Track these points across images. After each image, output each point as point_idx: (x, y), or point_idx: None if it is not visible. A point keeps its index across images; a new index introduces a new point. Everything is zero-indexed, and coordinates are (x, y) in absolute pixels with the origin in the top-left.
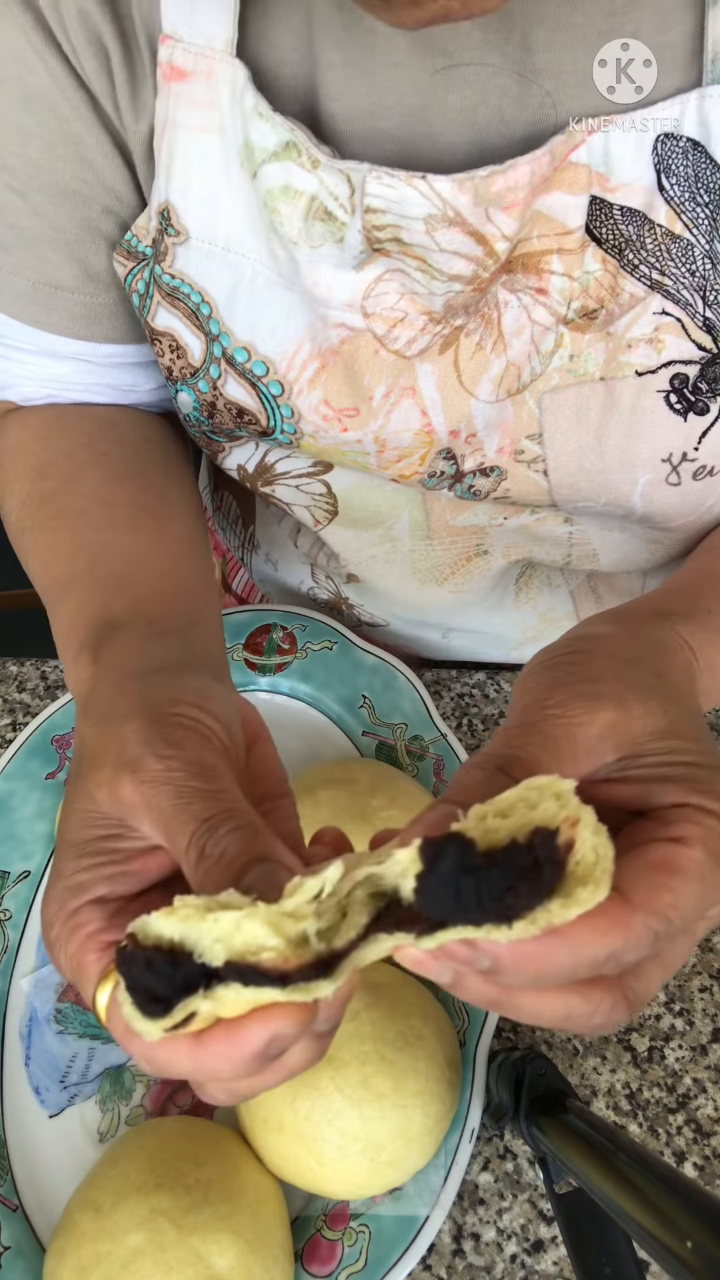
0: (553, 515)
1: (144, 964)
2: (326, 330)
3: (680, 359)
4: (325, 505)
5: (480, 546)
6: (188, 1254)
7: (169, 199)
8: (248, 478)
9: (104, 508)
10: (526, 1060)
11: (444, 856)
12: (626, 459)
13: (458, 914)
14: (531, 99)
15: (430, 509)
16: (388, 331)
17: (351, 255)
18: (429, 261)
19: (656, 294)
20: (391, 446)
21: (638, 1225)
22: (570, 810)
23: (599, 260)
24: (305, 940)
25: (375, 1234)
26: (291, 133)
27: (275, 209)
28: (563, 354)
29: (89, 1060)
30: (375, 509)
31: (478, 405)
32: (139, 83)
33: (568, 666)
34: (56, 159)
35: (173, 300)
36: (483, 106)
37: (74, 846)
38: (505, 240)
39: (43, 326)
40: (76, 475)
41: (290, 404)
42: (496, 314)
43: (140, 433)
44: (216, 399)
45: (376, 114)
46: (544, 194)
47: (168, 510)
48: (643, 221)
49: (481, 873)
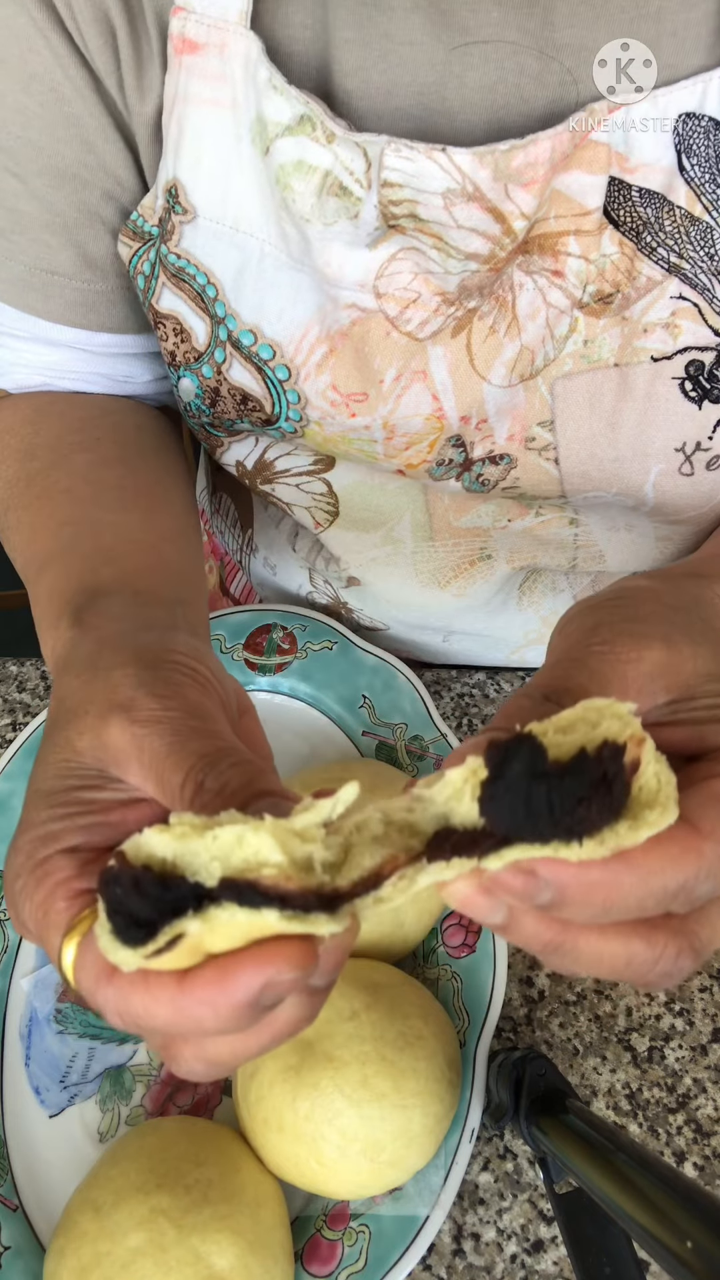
0: (558, 517)
1: (130, 884)
2: (337, 312)
3: (697, 345)
4: (326, 506)
5: (484, 550)
6: (188, 1254)
7: (177, 176)
8: (246, 475)
9: (91, 487)
10: (526, 1060)
11: (515, 758)
12: (639, 447)
13: (528, 826)
14: (551, 76)
15: (433, 510)
16: (400, 312)
17: (365, 233)
18: (445, 239)
19: (674, 278)
20: (400, 433)
21: (638, 1225)
22: (634, 729)
23: (616, 243)
24: (310, 867)
25: (375, 1234)
26: (306, 106)
27: (288, 185)
28: (577, 339)
29: (89, 1060)
30: (377, 509)
31: (490, 390)
32: (145, 61)
33: (613, 608)
34: (57, 141)
35: (178, 282)
36: (501, 84)
37: (47, 796)
38: (523, 218)
39: (38, 313)
40: (65, 458)
41: (297, 389)
42: (511, 296)
43: (133, 420)
44: (220, 384)
45: (392, 92)
46: (563, 172)
47: (158, 495)
48: (662, 203)
49: (553, 780)
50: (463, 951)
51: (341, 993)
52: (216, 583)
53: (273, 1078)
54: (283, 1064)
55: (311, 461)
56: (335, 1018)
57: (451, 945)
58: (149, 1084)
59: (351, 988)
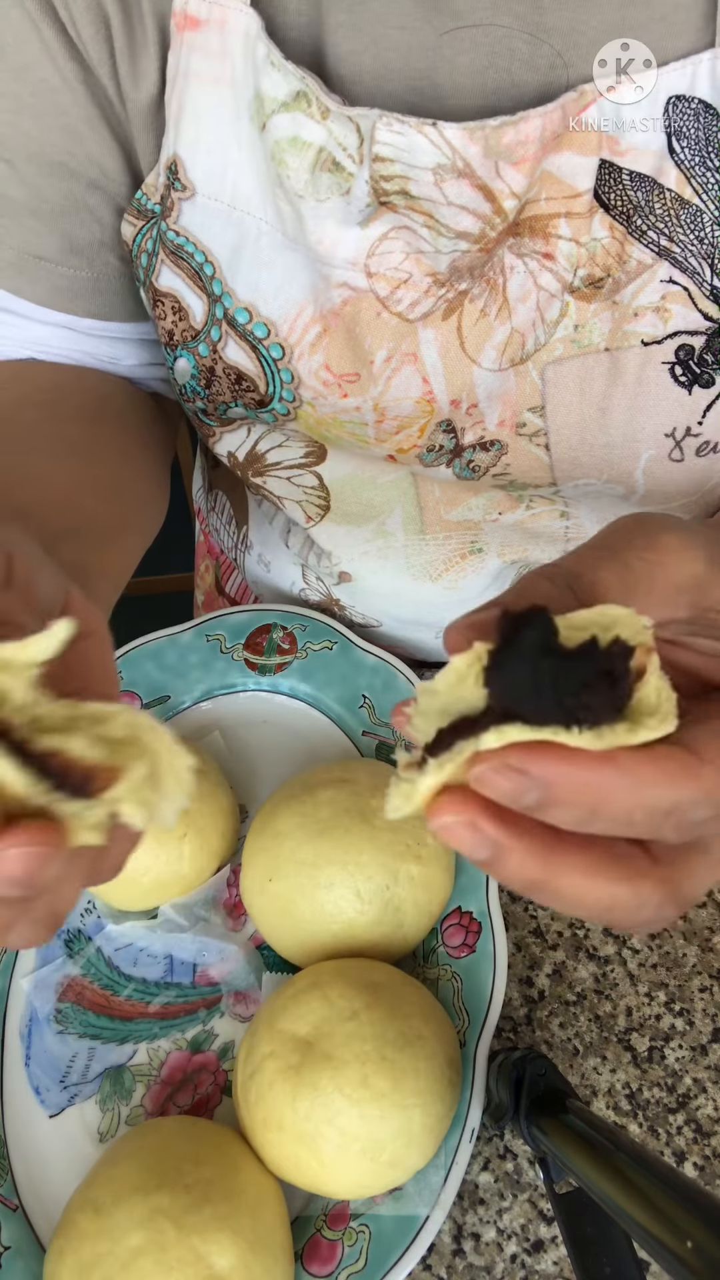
0: (548, 510)
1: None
2: (329, 290)
3: (687, 329)
4: (317, 499)
5: (475, 544)
6: (188, 1254)
7: (177, 152)
8: (238, 466)
9: (30, 438)
10: (526, 1060)
11: (529, 627)
12: (630, 433)
13: (531, 701)
14: (541, 60)
15: (424, 502)
16: (390, 293)
17: (357, 209)
18: (436, 216)
19: (664, 261)
20: (391, 416)
21: (638, 1225)
22: (646, 640)
23: (606, 227)
24: None
25: (375, 1234)
26: (302, 81)
27: (283, 161)
28: (567, 324)
29: (89, 1060)
30: (368, 502)
31: (480, 373)
32: (139, 48)
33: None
34: (45, 130)
35: (176, 260)
36: (492, 69)
37: None
38: (514, 198)
39: (25, 296)
40: (19, 411)
41: (290, 368)
42: (502, 279)
43: (104, 388)
44: (216, 364)
45: (384, 76)
46: (554, 153)
47: (100, 454)
48: (652, 186)
49: (561, 660)
50: (463, 951)
51: (341, 993)
52: (213, 582)
53: (273, 1077)
54: (283, 1064)
55: (302, 454)
56: (335, 1017)
57: (451, 945)
58: (149, 1084)
59: (351, 988)
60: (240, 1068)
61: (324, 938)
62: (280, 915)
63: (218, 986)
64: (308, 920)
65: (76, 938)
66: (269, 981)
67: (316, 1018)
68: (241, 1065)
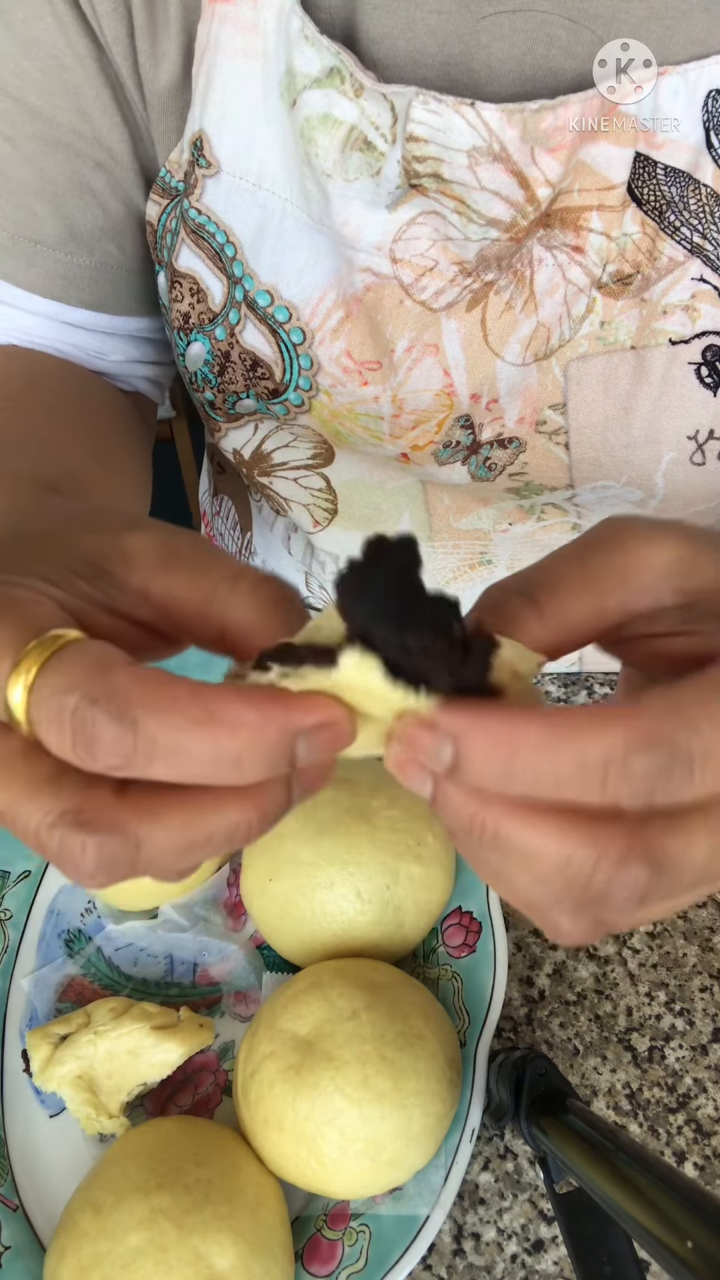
0: (560, 522)
1: None
2: (352, 275)
3: (715, 329)
4: (325, 503)
5: (484, 555)
6: (188, 1254)
7: (203, 127)
8: (244, 464)
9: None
10: (527, 1060)
11: (396, 551)
12: (652, 434)
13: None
14: (580, 48)
15: (433, 509)
16: (415, 280)
17: (386, 191)
18: (467, 202)
19: (696, 259)
20: (409, 409)
21: (638, 1225)
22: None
23: (638, 223)
24: None
25: (375, 1234)
26: (337, 57)
27: (312, 139)
28: (593, 320)
29: None
30: (376, 506)
31: (503, 367)
32: (160, 28)
33: (631, 516)
34: (53, 108)
35: (197, 239)
36: (530, 55)
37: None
38: (548, 186)
39: (18, 282)
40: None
41: (310, 353)
42: (529, 272)
43: (84, 384)
44: (232, 348)
45: (419, 61)
46: (590, 143)
47: (71, 449)
48: (687, 181)
49: (422, 595)
50: (463, 951)
51: (341, 993)
52: None
53: (273, 1077)
54: (283, 1064)
55: (310, 455)
56: (335, 1017)
57: (451, 945)
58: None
59: (351, 988)
60: (240, 1068)
61: (324, 937)
62: (280, 915)
63: (218, 986)
64: (308, 920)
65: (77, 937)
66: (269, 981)
67: (317, 1018)
68: (242, 1065)
